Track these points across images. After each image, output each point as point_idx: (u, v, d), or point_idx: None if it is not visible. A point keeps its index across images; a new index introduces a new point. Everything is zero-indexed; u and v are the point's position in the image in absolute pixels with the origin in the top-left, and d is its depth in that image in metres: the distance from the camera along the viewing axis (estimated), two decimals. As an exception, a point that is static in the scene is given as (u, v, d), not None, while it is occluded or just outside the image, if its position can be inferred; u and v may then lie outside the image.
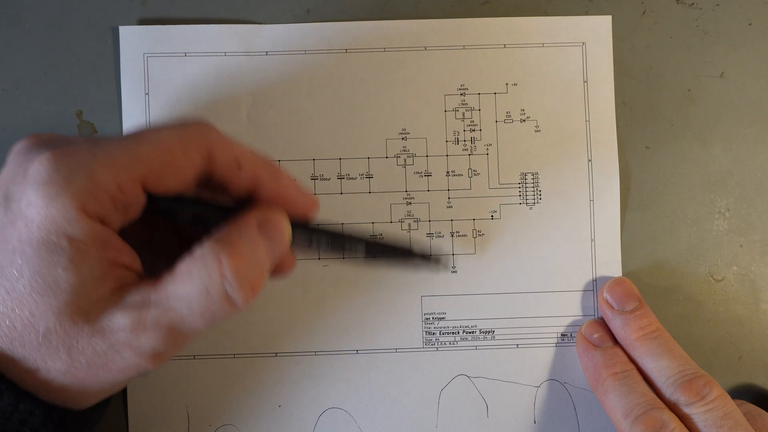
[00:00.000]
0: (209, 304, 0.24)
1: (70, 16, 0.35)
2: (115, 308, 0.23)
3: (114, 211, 0.24)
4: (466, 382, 0.35)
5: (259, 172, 0.27)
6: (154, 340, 0.24)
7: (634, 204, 0.35)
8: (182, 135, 0.25)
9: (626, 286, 0.34)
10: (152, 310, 0.24)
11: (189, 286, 0.24)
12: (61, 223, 0.22)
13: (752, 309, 0.36)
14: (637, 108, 0.36)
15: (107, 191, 0.23)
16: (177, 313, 0.24)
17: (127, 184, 0.24)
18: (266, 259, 0.26)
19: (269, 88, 0.35)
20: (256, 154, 0.27)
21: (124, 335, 0.23)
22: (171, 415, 0.34)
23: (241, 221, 0.26)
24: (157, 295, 0.24)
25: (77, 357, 0.23)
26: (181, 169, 0.25)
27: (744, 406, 0.32)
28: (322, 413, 0.34)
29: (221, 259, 0.24)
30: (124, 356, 0.24)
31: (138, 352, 0.24)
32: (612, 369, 0.32)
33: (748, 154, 0.36)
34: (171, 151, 0.25)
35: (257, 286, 0.25)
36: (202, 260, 0.24)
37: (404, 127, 0.35)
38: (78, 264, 0.23)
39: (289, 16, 0.35)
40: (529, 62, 0.35)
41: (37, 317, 0.23)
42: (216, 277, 0.24)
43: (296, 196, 0.28)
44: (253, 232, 0.25)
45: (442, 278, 0.35)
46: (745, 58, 0.36)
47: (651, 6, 0.36)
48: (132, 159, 0.24)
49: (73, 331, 0.23)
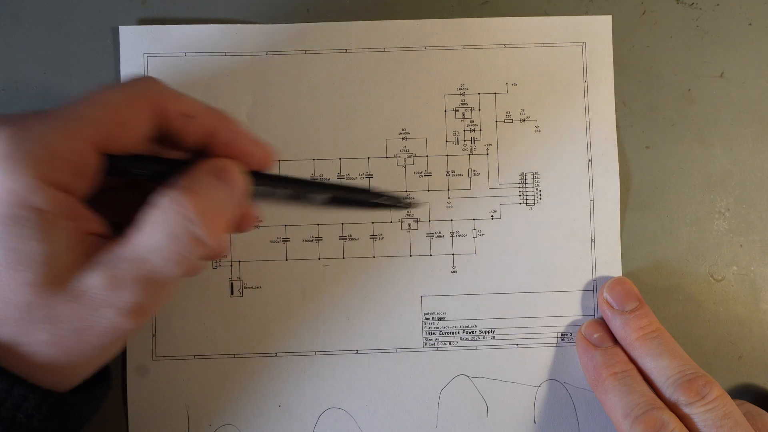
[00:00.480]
0: (179, 248, 0.24)
1: (70, 16, 0.35)
2: (88, 270, 0.24)
3: (75, 177, 0.24)
4: (466, 382, 0.35)
5: (212, 123, 0.27)
6: (132, 294, 0.24)
7: (634, 204, 0.35)
8: (129, 92, 0.25)
9: (626, 286, 0.34)
10: (124, 265, 0.24)
11: (155, 235, 0.24)
12: (24, 194, 0.23)
13: (752, 309, 0.36)
14: (637, 108, 0.36)
15: (64, 158, 0.23)
16: (149, 264, 0.24)
17: (82, 148, 0.24)
18: (226, 202, 0.26)
19: (269, 88, 0.35)
20: (207, 105, 0.27)
21: (100, 294, 0.23)
22: (171, 415, 0.34)
23: (195, 169, 0.26)
24: (126, 250, 0.24)
25: (60, 325, 0.23)
26: (132, 126, 0.25)
27: (744, 406, 0.32)
28: (322, 413, 0.34)
29: (180, 201, 0.24)
30: (105, 316, 0.24)
31: (117, 309, 0.24)
32: (612, 369, 0.32)
33: (748, 154, 0.36)
34: (119, 109, 0.25)
35: (221, 225, 0.25)
36: (162, 207, 0.24)
37: (404, 127, 0.35)
38: (48, 233, 0.23)
39: (289, 16, 0.35)
40: (529, 62, 0.35)
41: (15, 293, 0.23)
42: (179, 219, 0.24)
43: (252, 146, 0.28)
44: (209, 176, 0.26)
45: (442, 278, 0.35)
46: (745, 58, 0.36)
47: (651, 6, 0.36)
48: (83, 122, 0.24)
49: (52, 301, 0.23)
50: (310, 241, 0.34)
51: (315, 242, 0.34)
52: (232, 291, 0.34)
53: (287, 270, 0.34)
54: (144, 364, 0.34)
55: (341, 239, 0.34)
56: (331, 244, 0.34)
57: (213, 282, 0.34)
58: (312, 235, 0.34)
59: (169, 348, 0.34)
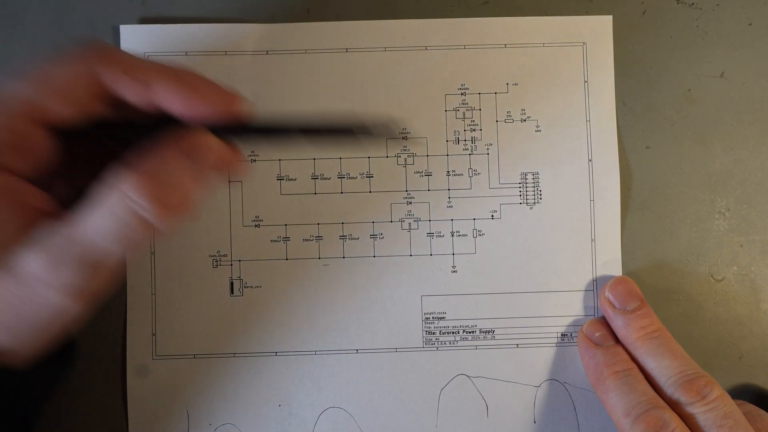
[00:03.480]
0: (123, 229, 0.23)
1: (70, 16, 0.35)
2: (26, 249, 0.23)
3: (15, 155, 0.23)
4: (466, 381, 0.34)
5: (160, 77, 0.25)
6: (72, 274, 0.23)
7: (634, 204, 0.35)
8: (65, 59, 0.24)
9: (628, 285, 0.34)
10: (65, 244, 0.23)
11: (98, 214, 0.23)
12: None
13: (752, 309, 0.36)
14: (637, 108, 0.36)
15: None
16: (92, 244, 0.23)
17: (16, 125, 0.23)
18: (182, 175, 0.24)
19: (269, 88, 0.35)
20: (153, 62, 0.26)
21: (39, 273, 0.23)
22: (171, 414, 0.34)
23: (159, 144, 0.25)
24: (69, 230, 0.23)
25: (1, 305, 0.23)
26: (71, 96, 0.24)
27: (744, 406, 0.32)
28: (322, 412, 0.34)
29: (124, 181, 0.23)
30: (45, 296, 0.23)
31: (58, 289, 0.23)
32: (613, 368, 0.32)
33: (748, 154, 0.36)
34: (53, 80, 0.24)
35: (171, 203, 0.24)
36: (107, 187, 0.23)
37: (404, 126, 0.35)
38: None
39: (289, 15, 0.35)
40: (529, 62, 0.35)
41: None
42: (121, 200, 0.23)
43: (214, 95, 0.26)
44: (163, 150, 0.24)
45: (442, 278, 0.35)
46: (745, 58, 0.36)
47: (651, 6, 0.36)
48: (16, 98, 0.23)
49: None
50: (311, 241, 0.34)
51: (315, 241, 0.34)
52: (232, 290, 0.34)
53: (287, 269, 0.34)
54: (144, 363, 0.34)
55: (341, 239, 0.34)
56: (331, 243, 0.34)
57: (213, 281, 0.34)
58: (312, 235, 0.34)
59: (169, 347, 0.34)
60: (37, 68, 0.24)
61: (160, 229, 0.24)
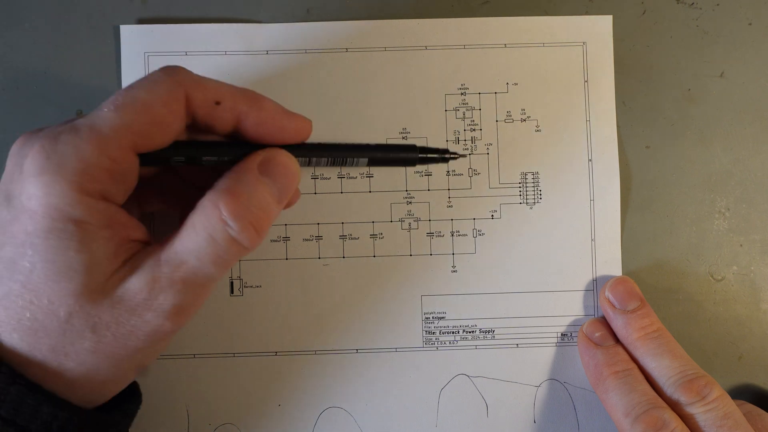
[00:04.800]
0: (217, 251, 0.24)
1: (71, 16, 0.35)
2: (128, 276, 0.24)
3: (113, 183, 0.24)
4: (466, 381, 0.34)
5: (239, 104, 0.27)
6: (173, 296, 0.24)
7: (634, 204, 0.35)
8: (158, 90, 0.25)
9: (628, 285, 0.34)
10: (164, 268, 0.24)
11: (195, 238, 0.24)
12: (63, 207, 0.23)
13: (752, 309, 0.36)
14: (637, 108, 0.36)
15: (101, 166, 0.23)
16: (188, 266, 0.24)
17: (119, 154, 0.24)
18: (269, 199, 0.26)
19: (270, 88, 0.35)
20: (233, 88, 0.27)
21: (142, 298, 0.24)
22: (171, 414, 0.34)
23: (240, 166, 0.26)
24: (166, 254, 0.24)
25: (103, 332, 0.24)
26: (167, 125, 0.25)
27: (744, 406, 0.32)
28: (322, 412, 0.34)
29: (219, 205, 0.24)
30: (146, 319, 0.24)
31: (159, 311, 0.24)
32: (613, 368, 0.32)
33: (748, 154, 0.36)
34: (151, 108, 0.25)
35: (260, 225, 0.25)
36: (202, 210, 0.25)
37: (405, 126, 0.35)
38: (87, 244, 0.23)
39: (290, 15, 0.35)
40: (529, 62, 0.35)
41: (57, 303, 0.23)
42: (217, 223, 0.24)
43: (284, 121, 0.28)
44: (253, 174, 0.26)
45: (442, 278, 0.35)
46: (745, 58, 0.36)
47: (651, 6, 0.36)
48: (116, 128, 0.24)
49: (95, 309, 0.23)
50: (311, 240, 0.34)
51: (315, 241, 0.34)
52: (232, 290, 0.34)
53: (287, 269, 0.34)
54: (144, 363, 0.34)
55: (341, 238, 0.34)
56: (331, 243, 0.34)
57: (213, 281, 0.34)
58: (312, 234, 0.34)
59: (169, 347, 0.34)
60: (133, 97, 0.25)
61: (249, 249, 0.25)
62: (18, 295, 0.23)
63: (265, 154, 0.27)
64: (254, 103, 0.27)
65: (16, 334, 0.23)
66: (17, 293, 0.23)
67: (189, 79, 0.26)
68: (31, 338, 0.23)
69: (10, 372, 0.23)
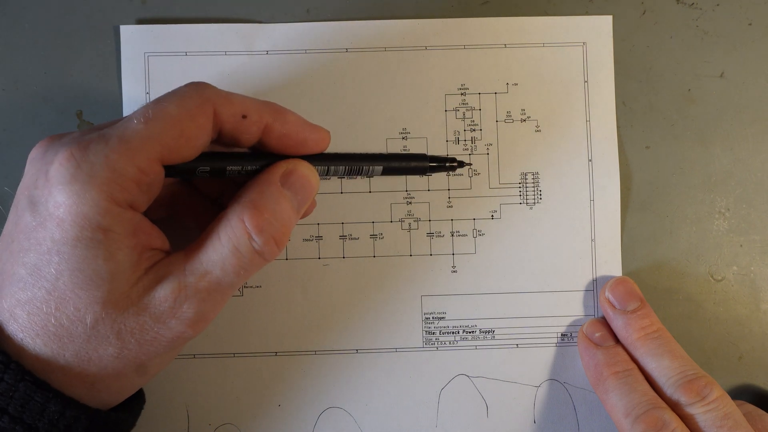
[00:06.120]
0: (241, 262, 0.25)
1: (70, 16, 0.35)
2: (154, 284, 0.25)
3: (139, 194, 0.25)
4: (466, 381, 0.34)
5: (264, 117, 0.27)
6: (196, 304, 0.25)
7: (634, 204, 0.35)
8: (186, 104, 0.26)
9: (628, 285, 0.34)
10: (189, 278, 0.25)
11: (220, 249, 0.25)
12: (94, 217, 0.23)
13: (752, 309, 0.36)
14: (637, 108, 0.36)
15: (130, 177, 0.24)
16: (213, 276, 0.25)
17: (147, 165, 0.24)
18: (290, 211, 0.27)
19: (270, 88, 0.35)
20: (257, 101, 0.28)
21: (167, 306, 0.25)
22: (171, 414, 0.34)
23: (263, 178, 0.27)
24: (190, 264, 0.25)
25: (127, 338, 0.24)
26: (195, 138, 0.26)
27: (744, 406, 0.32)
28: (322, 412, 0.34)
29: (244, 219, 0.25)
30: (170, 326, 0.25)
31: (182, 319, 0.25)
32: (613, 368, 0.32)
33: (748, 154, 0.36)
34: (181, 123, 0.25)
35: (280, 239, 0.26)
36: (227, 223, 0.25)
37: (405, 126, 0.35)
38: (114, 252, 0.24)
39: (290, 15, 0.35)
40: (529, 62, 0.35)
41: (83, 310, 0.24)
42: (243, 235, 0.25)
43: (306, 132, 0.28)
44: (275, 187, 0.27)
45: (442, 278, 0.35)
46: (745, 58, 0.36)
47: (651, 6, 0.36)
48: (146, 140, 0.24)
49: (120, 316, 0.24)
50: (311, 241, 0.34)
51: (315, 241, 0.34)
52: (232, 290, 0.34)
53: (287, 269, 0.34)
54: (144, 363, 0.34)
55: (341, 239, 0.34)
56: (331, 243, 0.34)
57: (213, 281, 0.34)
58: (312, 235, 0.34)
59: (169, 347, 0.34)
60: (162, 110, 0.25)
61: (269, 260, 0.26)
62: (43, 302, 0.23)
63: (287, 166, 0.28)
64: (278, 116, 0.28)
65: (40, 340, 0.24)
66: (42, 299, 0.23)
67: (216, 94, 0.26)
68: (55, 344, 0.24)
69: (18, 369, 0.23)
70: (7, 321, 0.24)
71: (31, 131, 0.34)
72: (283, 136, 0.28)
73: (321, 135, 0.29)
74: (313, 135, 0.29)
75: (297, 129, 0.28)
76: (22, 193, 0.25)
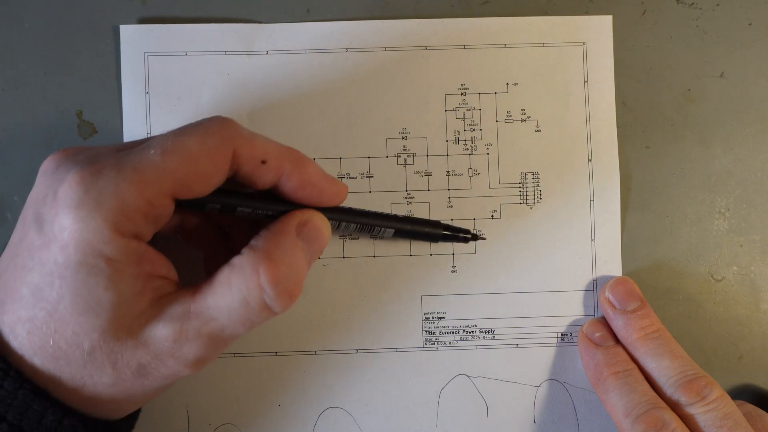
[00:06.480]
0: (248, 313, 0.25)
1: (70, 16, 0.35)
2: (156, 321, 0.24)
3: (146, 225, 0.24)
4: (466, 381, 0.34)
5: (284, 165, 0.27)
6: (197, 348, 0.25)
7: (634, 204, 0.35)
8: (207, 141, 0.25)
9: (628, 285, 0.34)
10: (193, 321, 0.24)
11: (229, 297, 0.24)
12: (97, 245, 0.23)
13: (752, 309, 0.36)
14: (637, 108, 0.36)
15: (138, 209, 0.23)
16: (217, 323, 0.25)
17: (157, 199, 0.24)
18: (304, 264, 0.26)
19: (270, 88, 0.35)
20: (280, 147, 0.27)
21: (167, 346, 0.24)
22: (171, 414, 0.34)
23: (279, 227, 0.26)
24: (197, 306, 0.25)
25: (123, 370, 0.24)
26: (210, 177, 0.25)
27: (744, 406, 0.32)
28: (322, 412, 0.34)
29: (259, 270, 0.24)
30: (167, 365, 0.25)
31: (181, 360, 0.25)
32: (613, 368, 0.32)
33: (748, 154, 0.36)
34: (198, 160, 0.25)
35: (294, 292, 0.26)
36: (240, 271, 0.25)
37: (404, 126, 0.35)
38: (116, 282, 0.23)
39: (290, 15, 0.35)
40: (529, 62, 0.35)
41: (81, 336, 0.23)
42: (254, 288, 0.24)
43: (324, 185, 0.28)
44: (291, 238, 0.26)
45: (442, 278, 0.35)
46: (745, 58, 0.36)
47: (651, 6, 0.36)
48: (160, 174, 0.24)
49: (118, 347, 0.24)
50: (311, 241, 0.34)
51: (315, 242, 0.34)
52: (232, 290, 0.34)
53: (287, 269, 0.34)
54: (144, 363, 0.34)
55: (341, 239, 0.34)
56: (331, 243, 0.34)
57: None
58: (312, 235, 0.34)
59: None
60: (182, 145, 0.24)
61: (277, 314, 0.25)
62: (43, 323, 0.23)
63: (302, 217, 0.27)
64: (298, 165, 0.27)
65: (38, 359, 0.24)
66: (42, 320, 0.23)
67: (239, 135, 0.26)
68: (52, 365, 0.24)
69: (18, 376, 0.23)
70: (8, 335, 0.24)
71: (31, 131, 0.34)
72: (301, 186, 0.27)
73: (338, 189, 0.29)
74: (331, 188, 0.28)
75: (316, 181, 0.28)
76: (30, 206, 0.25)
